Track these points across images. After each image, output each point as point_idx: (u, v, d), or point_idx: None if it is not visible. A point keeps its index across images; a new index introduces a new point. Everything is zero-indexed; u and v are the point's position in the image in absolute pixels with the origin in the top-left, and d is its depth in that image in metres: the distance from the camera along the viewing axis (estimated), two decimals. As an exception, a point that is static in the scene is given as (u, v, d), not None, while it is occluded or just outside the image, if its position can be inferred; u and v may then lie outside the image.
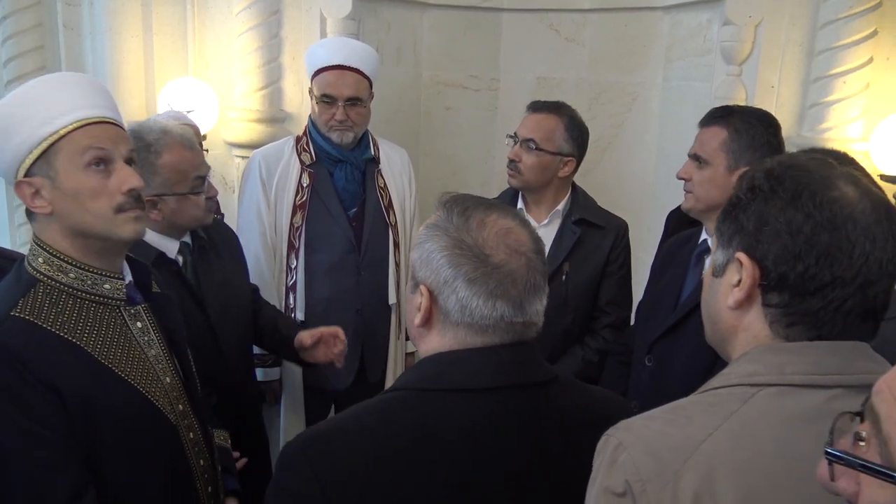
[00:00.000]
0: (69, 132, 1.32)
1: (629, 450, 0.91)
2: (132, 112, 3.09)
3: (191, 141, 1.93)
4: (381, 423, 1.08)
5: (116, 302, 1.42)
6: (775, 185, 0.97)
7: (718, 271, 1.04)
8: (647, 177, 3.38)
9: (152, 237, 1.91)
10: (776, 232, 0.94)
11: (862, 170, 1.50)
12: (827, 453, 0.66)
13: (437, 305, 1.11)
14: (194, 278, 2.01)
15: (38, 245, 1.38)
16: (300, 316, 2.52)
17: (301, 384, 2.57)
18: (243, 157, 3.10)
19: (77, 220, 1.35)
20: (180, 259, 1.99)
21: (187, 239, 2.02)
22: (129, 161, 1.40)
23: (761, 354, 0.96)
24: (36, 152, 1.32)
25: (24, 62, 3.12)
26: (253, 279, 2.35)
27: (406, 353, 2.78)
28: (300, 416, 2.58)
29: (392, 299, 2.63)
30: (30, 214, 1.39)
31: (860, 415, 0.67)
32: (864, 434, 0.64)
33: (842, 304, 0.93)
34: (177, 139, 1.88)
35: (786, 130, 2.81)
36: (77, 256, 1.37)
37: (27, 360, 1.26)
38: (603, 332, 2.34)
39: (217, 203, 2.69)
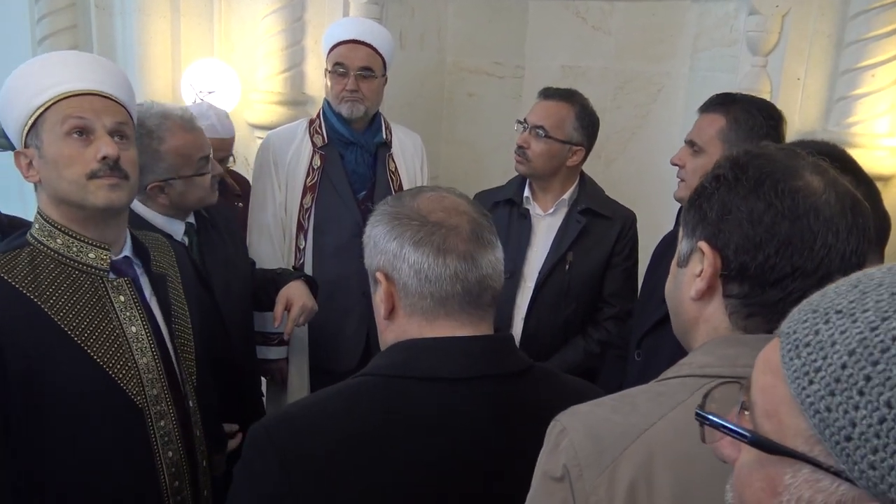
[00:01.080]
0: (55, 102, 1.36)
1: (571, 434, 0.90)
2: (157, 92, 3.15)
3: (190, 122, 1.93)
4: (346, 407, 1.08)
5: (99, 272, 1.44)
6: (739, 173, 0.94)
7: (682, 261, 1.02)
8: (670, 169, 3.31)
9: (158, 220, 1.96)
10: (737, 221, 0.92)
11: (855, 167, 1.45)
12: (697, 415, 0.67)
13: (395, 284, 1.10)
14: (199, 258, 2.04)
15: (38, 213, 1.44)
16: (308, 297, 2.55)
17: (307, 364, 2.60)
18: (265, 139, 3.13)
19: (56, 187, 1.38)
20: (186, 240, 2.02)
21: (191, 219, 2.05)
22: (117, 133, 1.42)
23: (715, 346, 0.94)
24: (28, 123, 1.38)
25: (58, 41, 3.20)
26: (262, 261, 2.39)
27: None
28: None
29: (400, 283, 2.64)
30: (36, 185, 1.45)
31: (740, 383, 0.67)
32: (747, 403, 0.64)
33: (802, 295, 0.89)
34: (177, 122, 1.89)
35: (811, 124, 2.75)
36: (66, 224, 1.41)
37: None
38: (606, 323, 2.31)
39: (234, 184, 2.74)
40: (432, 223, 1.09)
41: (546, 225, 2.33)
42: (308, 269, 2.53)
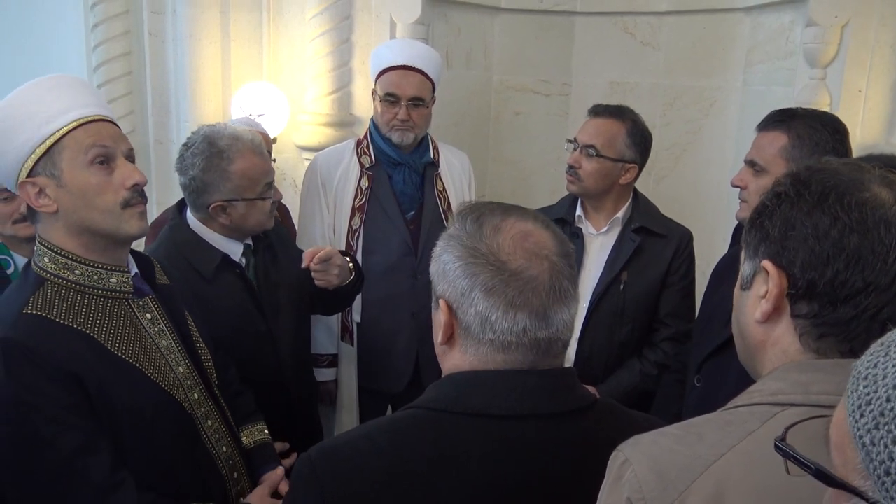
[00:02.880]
0: (70, 130, 1.35)
1: (635, 466, 0.86)
2: (208, 115, 3.21)
3: (260, 147, 1.96)
4: (393, 444, 1.04)
5: (124, 295, 1.46)
6: (801, 189, 0.90)
7: (746, 284, 0.97)
8: (724, 185, 3.21)
9: (217, 239, 1.98)
10: (802, 237, 0.88)
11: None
12: (776, 447, 0.65)
13: (458, 320, 1.05)
14: (255, 280, 2.05)
15: (43, 244, 1.41)
16: (356, 318, 2.54)
17: (356, 385, 2.59)
18: (313, 161, 3.16)
19: (83, 216, 1.38)
20: (243, 262, 2.03)
21: (250, 241, 2.06)
22: (129, 158, 1.43)
23: (787, 372, 0.89)
24: (39, 151, 1.35)
25: (112, 68, 3.31)
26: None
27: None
28: (354, 417, 2.60)
29: (449, 304, 2.61)
30: (32, 214, 1.41)
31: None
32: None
33: (877, 312, 0.85)
34: (248, 146, 1.91)
35: (874, 137, 2.65)
36: (81, 253, 1.40)
37: (44, 354, 1.30)
38: (662, 344, 2.24)
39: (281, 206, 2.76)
40: (510, 272, 1.01)
41: (599, 244, 2.28)
42: (356, 290, 2.52)
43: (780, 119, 1.75)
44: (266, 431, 1.85)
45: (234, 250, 2.00)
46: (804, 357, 0.89)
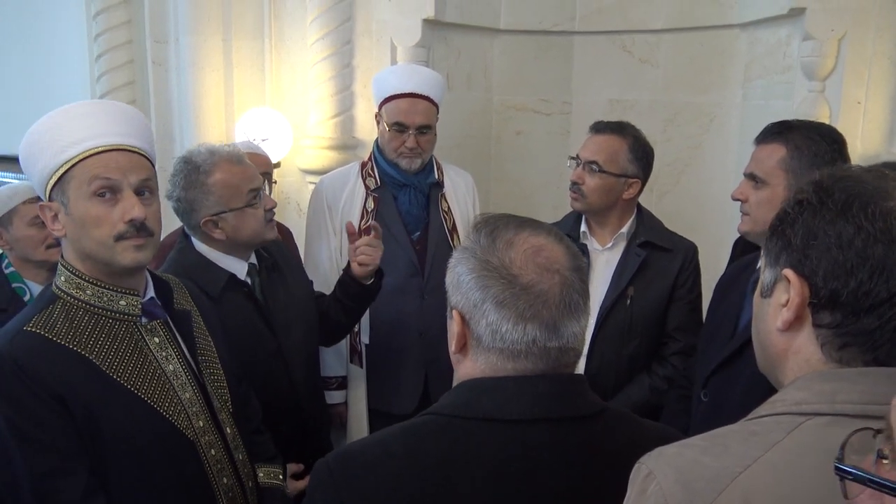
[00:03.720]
0: (81, 160, 1.38)
1: (659, 479, 0.85)
2: (211, 141, 3.19)
3: (238, 156, 1.95)
4: (407, 449, 1.06)
5: (132, 318, 1.47)
6: (824, 196, 0.90)
7: (766, 292, 0.97)
8: (726, 200, 3.22)
9: (221, 259, 1.97)
10: (825, 246, 0.87)
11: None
12: (836, 469, 0.62)
13: (470, 330, 1.07)
14: (262, 299, 2.05)
15: (62, 264, 1.45)
16: (365, 339, 2.54)
17: (365, 407, 2.58)
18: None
19: (83, 245, 1.41)
20: (249, 281, 2.03)
21: (254, 260, 2.06)
22: (142, 189, 1.43)
23: (810, 381, 0.89)
24: (53, 179, 1.39)
25: (116, 96, 3.33)
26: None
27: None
28: (364, 440, 2.58)
29: (457, 324, 2.61)
30: None
31: (882, 431, 0.61)
32: (886, 452, 0.59)
33: None
34: (224, 157, 1.92)
35: (874, 148, 2.67)
36: (94, 276, 1.43)
37: (33, 372, 1.32)
38: (671, 358, 2.24)
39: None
40: (520, 286, 1.03)
41: (604, 260, 2.29)
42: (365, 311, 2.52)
43: (778, 131, 1.75)
44: (280, 476, 1.82)
45: (239, 269, 2.00)
46: (826, 366, 0.89)
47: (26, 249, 2.33)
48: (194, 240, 2.00)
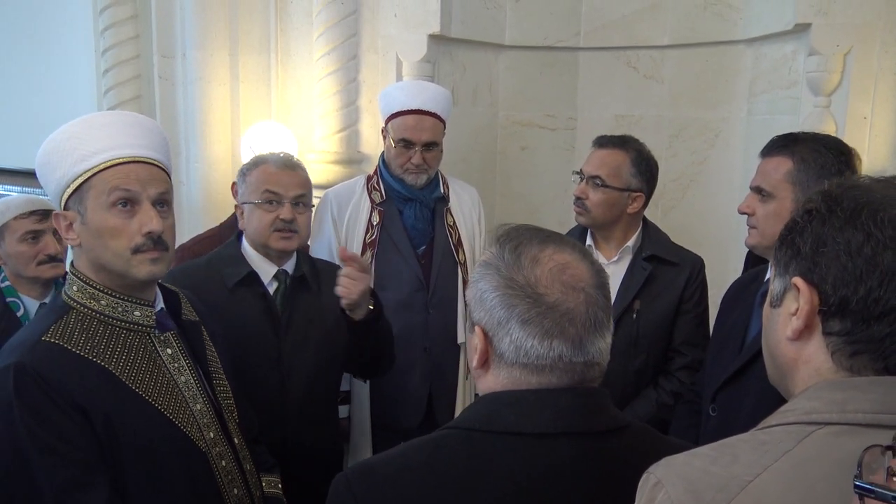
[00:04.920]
0: (100, 171, 1.38)
1: (668, 488, 0.84)
2: (217, 155, 3.25)
3: (279, 161, 2.09)
4: (427, 463, 1.05)
5: (146, 329, 1.47)
6: (833, 205, 0.89)
7: (776, 301, 0.96)
8: (732, 214, 3.22)
9: (253, 257, 2.06)
10: (834, 253, 0.87)
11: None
12: (856, 486, 0.60)
13: (493, 346, 1.06)
14: (283, 306, 2.05)
15: (74, 273, 1.44)
16: (369, 353, 2.52)
17: (369, 422, 2.56)
18: (322, 198, 3.18)
19: (98, 255, 1.41)
20: (275, 284, 2.06)
21: (288, 267, 2.09)
22: (160, 202, 1.43)
23: (821, 390, 0.88)
24: (71, 188, 1.39)
25: (123, 110, 3.34)
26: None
27: (476, 394, 2.72)
28: (367, 455, 2.56)
29: (461, 338, 2.60)
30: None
31: (892, 448, 0.59)
32: None
33: None
34: (270, 159, 2.10)
35: (880, 163, 2.66)
36: (108, 286, 1.43)
37: (54, 383, 1.31)
38: (678, 373, 2.22)
39: None
40: (546, 305, 1.02)
41: (610, 273, 2.24)
42: (368, 325, 2.51)
43: (784, 144, 1.75)
44: (279, 486, 1.80)
45: (266, 270, 2.06)
46: (837, 375, 0.88)
47: (17, 265, 2.32)
48: (243, 238, 2.11)
